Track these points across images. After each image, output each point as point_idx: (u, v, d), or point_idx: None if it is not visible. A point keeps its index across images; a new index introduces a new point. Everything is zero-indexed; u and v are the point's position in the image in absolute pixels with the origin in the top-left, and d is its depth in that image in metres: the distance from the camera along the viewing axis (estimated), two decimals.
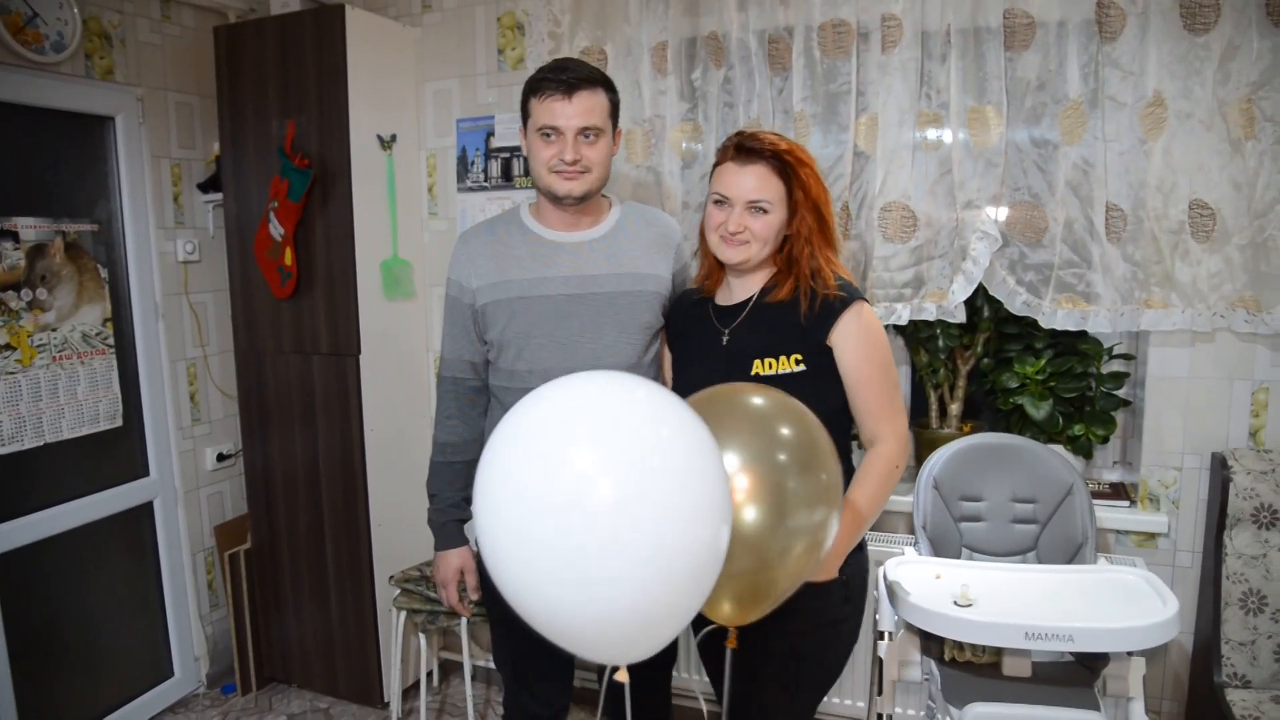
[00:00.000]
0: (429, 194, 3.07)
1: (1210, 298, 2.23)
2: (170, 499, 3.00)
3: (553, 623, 1.17)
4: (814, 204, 1.71)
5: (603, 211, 1.92)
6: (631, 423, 1.17)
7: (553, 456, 1.12)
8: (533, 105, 1.80)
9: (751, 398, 1.46)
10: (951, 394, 2.65)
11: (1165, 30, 2.16)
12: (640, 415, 1.18)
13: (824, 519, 1.39)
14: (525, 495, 1.11)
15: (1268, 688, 2.13)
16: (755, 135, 1.72)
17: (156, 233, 2.91)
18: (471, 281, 1.86)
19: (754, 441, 1.37)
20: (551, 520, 1.08)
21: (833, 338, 1.66)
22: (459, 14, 2.94)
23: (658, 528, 1.09)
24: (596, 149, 1.79)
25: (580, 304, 1.81)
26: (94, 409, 2.73)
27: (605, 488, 1.09)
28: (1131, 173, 2.23)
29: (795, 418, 1.43)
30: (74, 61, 2.61)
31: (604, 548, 1.08)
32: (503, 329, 1.83)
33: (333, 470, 2.89)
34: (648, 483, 1.11)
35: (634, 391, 1.23)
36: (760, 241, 1.70)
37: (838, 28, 2.40)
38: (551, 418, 1.18)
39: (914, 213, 2.39)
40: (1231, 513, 2.18)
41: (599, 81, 1.80)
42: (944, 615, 1.80)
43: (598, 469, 1.10)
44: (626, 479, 1.10)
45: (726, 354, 1.73)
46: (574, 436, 1.13)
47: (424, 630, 2.74)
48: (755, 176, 1.68)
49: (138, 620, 2.96)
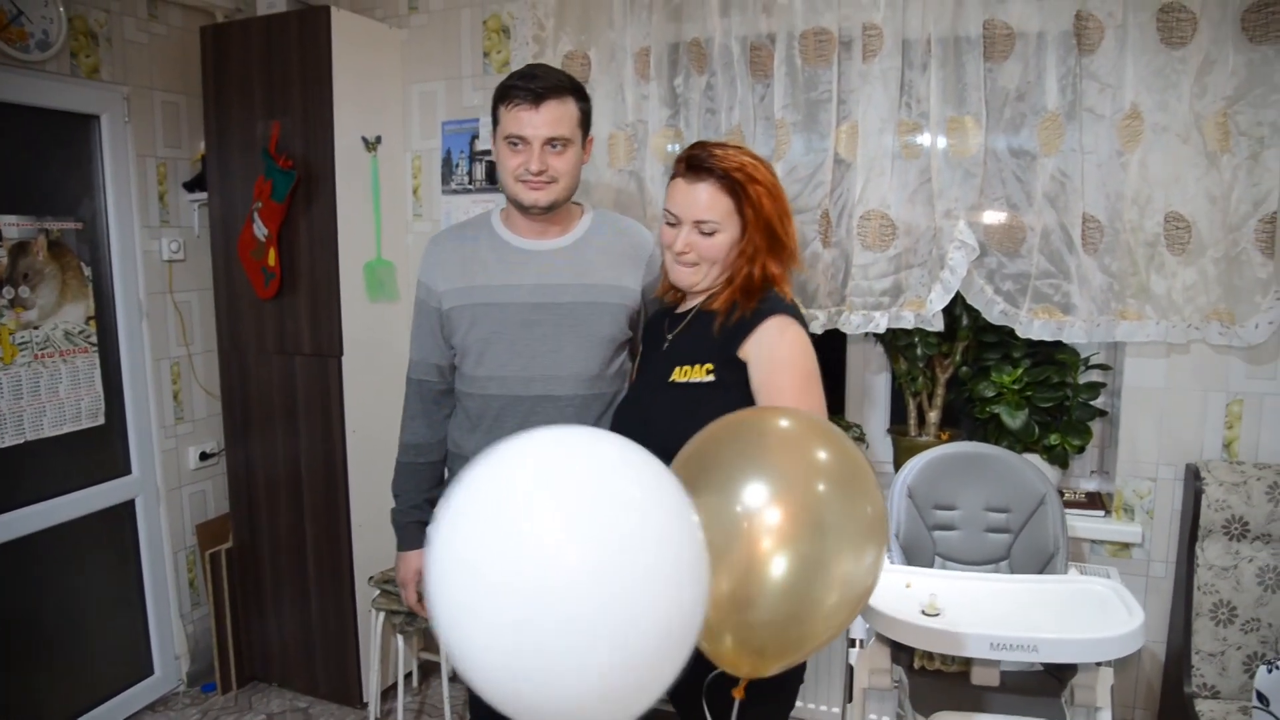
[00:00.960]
0: (413, 196, 3.08)
1: (1185, 310, 2.24)
2: (152, 497, 3.01)
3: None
4: (765, 222, 1.63)
5: (573, 220, 1.89)
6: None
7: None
8: (501, 113, 1.78)
9: (779, 420, 1.33)
10: (930, 402, 2.66)
11: (1143, 43, 2.17)
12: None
13: (874, 561, 1.22)
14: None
15: (1236, 698, 2.14)
16: (707, 151, 1.64)
17: (141, 231, 2.92)
18: (438, 285, 1.86)
19: (788, 468, 1.21)
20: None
21: (745, 350, 1.58)
22: (445, 16, 2.95)
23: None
24: (564, 159, 1.76)
25: (542, 313, 1.80)
26: (76, 407, 2.74)
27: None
28: (1108, 184, 2.24)
29: (831, 440, 1.27)
30: (59, 60, 2.61)
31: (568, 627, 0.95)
32: (465, 334, 1.83)
33: (314, 471, 2.90)
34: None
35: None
36: (709, 263, 1.65)
37: (819, 36, 2.41)
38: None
39: (893, 221, 2.40)
40: (1203, 524, 2.19)
41: (568, 90, 1.77)
42: (910, 624, 1.80)
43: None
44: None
45: (663, 360, 1.70)
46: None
47: (403, 631, 2.75)
48: (704, 195, 1.62)
49: (118, 618, 2.96)
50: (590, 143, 1.88)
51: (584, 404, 1.82)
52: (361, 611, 2.91)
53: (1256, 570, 2.15)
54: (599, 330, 1.82)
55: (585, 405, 1.82)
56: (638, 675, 0.99)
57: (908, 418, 2.70)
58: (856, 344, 2.80)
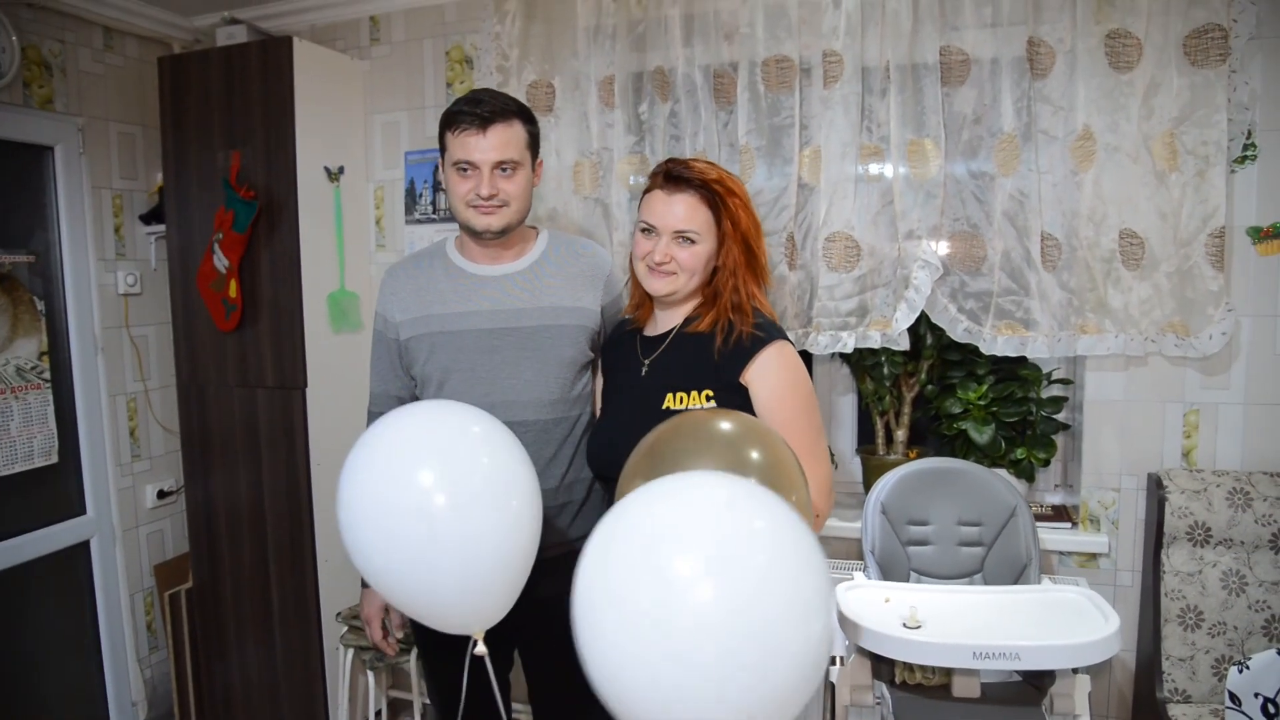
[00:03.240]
0: (376, 226, 3.06)
1: (1141, 323, 2.30)
2: (108, 538, 2.92)
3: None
4: (742, 235, 1.68)
5: (528, 243, 1.89)
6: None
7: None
8: (448, 139, 1.76)
9: (720, 422, 1.44)
10: (897, 420, 2.69)
11: (1092, 68, 2.25)
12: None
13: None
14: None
15: (1206, 701, 2.18)
16: (685, 163, 1.68)
17: (96, 264, 2.86)
18: (395, 315, 1.85)
19: (720, 467, 1.32)
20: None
21: (747, 376, 1.63)
22: (407, 47, 2.96)
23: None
24: (514, 182, 1.75)
25: (500, 339, 1.79)
26: (28, 445, 2.65)
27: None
28: (1064, 203, 2.31)
29: (761, 439, 1.40)
30: (12, 90, 2.57)
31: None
32: (424, 364, 1.81)
33: (278, 505, 2.83)
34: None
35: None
36: (688, 273, 1.67)
37: (780, 63, 2.46)
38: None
39: (857, 243, 2.44)
40: (1168, 531, 2.25)
41: (515, 113, 1.76)
42: (893, 637, 1.81)
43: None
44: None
45: (642, 386, 1.70)
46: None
47: (372, 668, 2.69)
48: (683, 205, 1.66)
49: (72, 664, 2.85)
50: (540, 166, 1.88)
51: (545, 429, 1.80)
52: (329, 649, 2.83)
53: (1220, 574, 2.21)
54: (559, 353, 1.81)
55: (547, 430, 1.80)
56: (777, 704, 1.08)
57: (875, 437, 2.73)
58: (823, 365, 2.84)
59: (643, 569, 1.08)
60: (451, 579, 1.39)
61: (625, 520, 1.16)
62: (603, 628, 1.08)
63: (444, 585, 1.40)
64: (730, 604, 1.03)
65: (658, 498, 1.18)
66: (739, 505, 1.14)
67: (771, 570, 1.07)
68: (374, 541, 1.39)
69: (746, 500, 1.15)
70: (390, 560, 1.39)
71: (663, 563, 1.06)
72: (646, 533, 1.12)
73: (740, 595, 1.04)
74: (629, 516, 1.17)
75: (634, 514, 1.17)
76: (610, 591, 1.09)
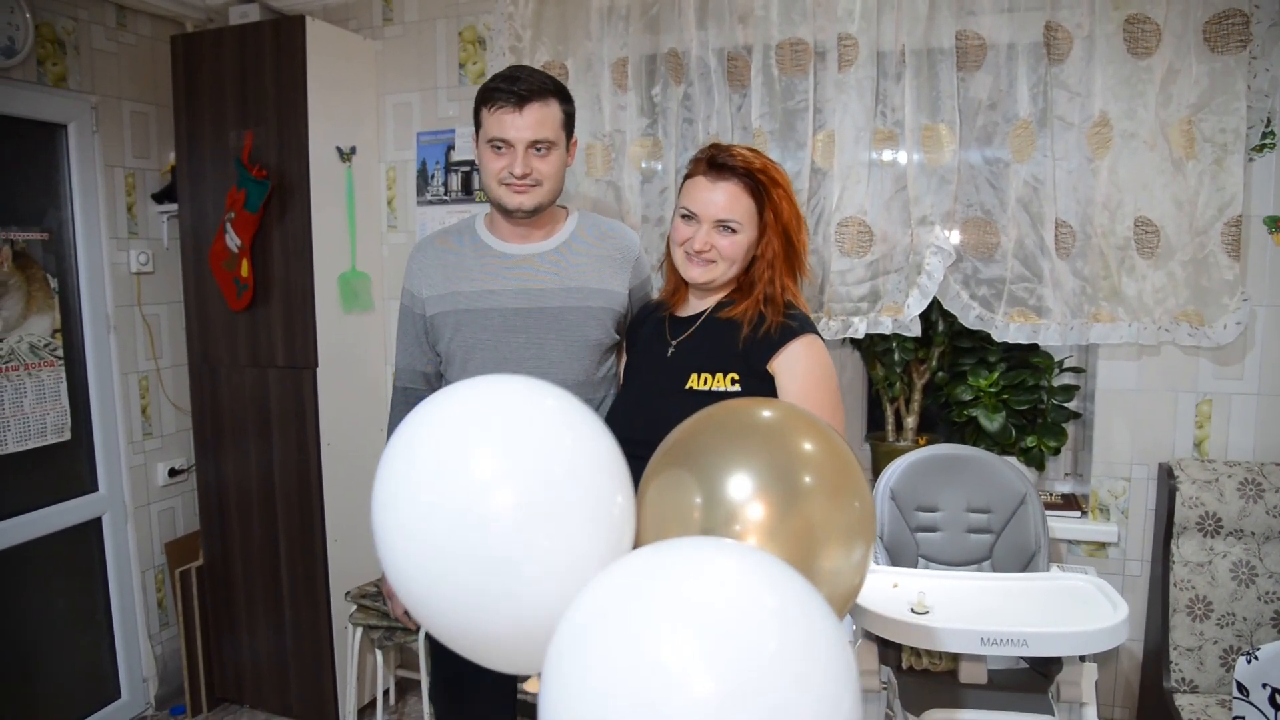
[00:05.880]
0: (388, 207, 3.06)
1: (1155, 312, 2.29)
2: (120, 515, 2.94)
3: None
4: (783, 227, 1.67)
5: (557, 223, 1.88)
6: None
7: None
8: (484, 115, 1.75)
9: (761, 411, 1.26)
10: (907, 407, 2.69)
11: (1110, 53, 2.23)
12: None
13: (862, 559, 1.18)
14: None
15: (1214, 692, 2.18)
16: (730, 150, 1.66)
17: (109, 243, 2.86)
18: (422, 291, 1.85)
19: (771, 461, 1.16)
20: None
21: (774, 364, 1.61)
22: (420, 28, 2.95)
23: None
24: (548, 162, 1.75)
25: (526, 318, 1.78)
26: (41, 422, 2.67)
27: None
28: (1079, 190, 2.30)
29: (817, 432, 1.21)
30: (25, 67, 2.56)
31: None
32: (449, 341, 1.81)
33: (288, 485, 2.85)
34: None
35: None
36: (727, 261, 1.66)
37: (795, 47, 2.45)
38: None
39: (870, 228, 2.43)
40: (1178, 521, 2.24)
41: (552, 92, 1.75)
42: (901, 622, 1.81)
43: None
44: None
45: (668, 365, 1.69)
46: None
47: (380, 647, 2.70)
48: (726, 194, 1.64)
49: (84, 640, 2.88)
50: (574, 145, 1.87)
51: None
52: (337, 628, 2.85)
53: (1230, 565, 2.20)
54: (585, 335, 1.80)
55: None
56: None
57: (885, 423, 2.73)
58: (833, 350, 2.81)
59: (627, 659, 0.89)
60: (529, 614, 1.05)
61: (603, 597, 0.96)
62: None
63: (521, 621, 1.07)
64: (726, 696, 0.85)
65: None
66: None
67: (778, 655, 0.88)
68: (423, 564, 1.09)
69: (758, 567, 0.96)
70: (443, 591, 1.08)
71: (651, 651, 0.88)
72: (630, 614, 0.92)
73: (737, 685, 0.85)
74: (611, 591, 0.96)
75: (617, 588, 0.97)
76: (592, 685, 0.90)
